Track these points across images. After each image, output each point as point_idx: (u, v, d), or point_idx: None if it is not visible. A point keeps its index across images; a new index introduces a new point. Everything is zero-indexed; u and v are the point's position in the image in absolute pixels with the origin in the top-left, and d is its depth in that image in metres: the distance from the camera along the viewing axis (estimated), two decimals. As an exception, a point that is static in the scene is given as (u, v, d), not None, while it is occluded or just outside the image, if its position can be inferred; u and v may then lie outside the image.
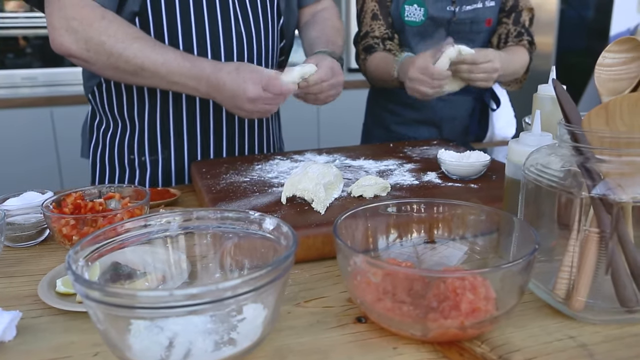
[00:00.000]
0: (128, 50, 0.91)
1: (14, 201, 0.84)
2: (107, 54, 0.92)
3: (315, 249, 0.69)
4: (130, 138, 1.11)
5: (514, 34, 1.32)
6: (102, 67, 0.95)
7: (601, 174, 0.53)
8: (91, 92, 1.14)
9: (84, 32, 0.91)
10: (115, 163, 1.14)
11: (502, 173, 0.89)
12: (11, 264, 0.71)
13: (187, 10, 1.02)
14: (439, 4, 1.28)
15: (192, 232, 0.61)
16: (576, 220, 0.55)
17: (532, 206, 0.62)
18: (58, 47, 0.94)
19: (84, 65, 0.97)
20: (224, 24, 1.06)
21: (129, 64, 0.92)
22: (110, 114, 1.12)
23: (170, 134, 1.10)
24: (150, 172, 1.12)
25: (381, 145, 1.14)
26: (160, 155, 1.11)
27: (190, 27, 1.03)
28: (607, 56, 0.62)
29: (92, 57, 0.93)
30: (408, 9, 1.29)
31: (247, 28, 1.09)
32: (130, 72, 0.93)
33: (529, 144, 0.66)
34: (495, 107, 1.42)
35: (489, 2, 1.31)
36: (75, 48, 0.92)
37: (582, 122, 0.54)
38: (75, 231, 0.70)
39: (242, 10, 1.09)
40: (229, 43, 1.06)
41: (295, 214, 0.73)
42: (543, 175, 0.57)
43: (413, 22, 1.30)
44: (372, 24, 1.34)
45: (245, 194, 0.83)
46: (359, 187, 0.80)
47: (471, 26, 1.31)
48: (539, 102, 0.82)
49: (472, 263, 0.61)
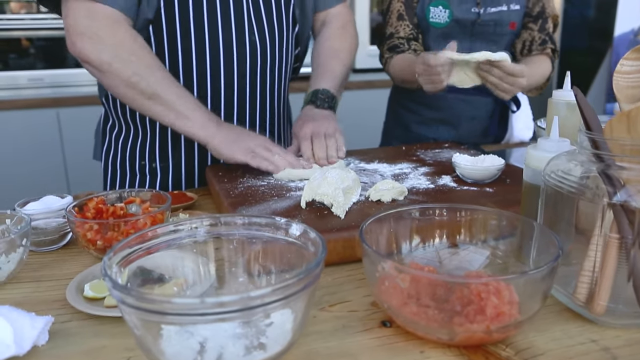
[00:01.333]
0: (151, 76, 0.94)
1: (34, 205, 0.85)
2: (132, 73, 0.93)
3: (337, 253, 0.70)
4: (142, 144, 1.12)
5: (539, 42, 1.34)
6: (116, 83, 0.95)
7: (622, 180, 0.54)
8: (105, 96, 1.15)
9: (113, 47, 0.93)
10: (127, 168, 1.15)
11: (515, 177, 0.90)
12: (36, 269, 0.72)
13: (200, 18, 1.03)
14: (463, 5, 1.30)
15: (219, 237, 0.62)
16: (597, 226, 0.56)
17: (551, 211, 0.63)
18: (78, 52, 0.94)
19: (97, 75, 0.97)
20: (238, 33, 1.06)
21: (149, 87, 0.94)
22: (122, 118, 1.13)
23: (181, 140, 1.11)
24: (161, 178, 1.13)
25: (394, 149, 1.16)
26: (171, 161, 1.12)
27: (203, 35, 1.04)
28: (625, 63, 0.64)
29: (112, 72, 0.94)
30: (433, 11, 1.31)
31: (262, 37, 1.09)
32: (148, 95, 0.95)
33: (547, 150, 0.67)
34: (516, 109, 1.43)
35: (514, 5, 1.32)
36: (96, 58, 0.93)
37: (604, 130, 0.55)
38: (100, 236, 0.71)
39: (257, 19, 1.09)
40: (242, 52, 1.07)
41: (316, 219, 0.74)
42: (564, 181, 0.58)
43: (438, 23, 1.31)
44: (397, 24, 1.35)
45: (264, 198, 0.84)
46: (377, 191, 0.81)
47: (495, 28, 1.33)
48: (554, 107, 0.83)
49: (493, 267, 0.62)
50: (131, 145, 1.13)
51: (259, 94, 1.14)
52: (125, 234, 0.72)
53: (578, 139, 0.59)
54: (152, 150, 1.12)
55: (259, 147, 0.96)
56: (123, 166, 1.15)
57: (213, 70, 1.06)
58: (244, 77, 1.10)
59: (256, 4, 1.09)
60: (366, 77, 2.86)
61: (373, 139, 1.72)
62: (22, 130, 2.41)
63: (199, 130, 0.96)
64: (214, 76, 1.07)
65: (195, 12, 1.02)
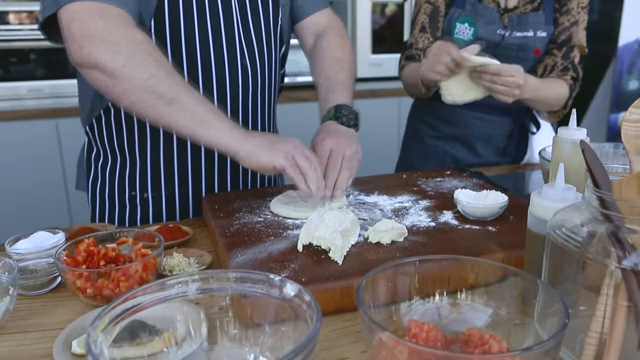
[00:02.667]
0: (170, 78, 0.86)
1: (24, 243, 0.83)
2: (149, 75, 0.84)
3: (334, 302, 0.68)
4: (132, 173, 1.09)
5: (560, 68, 1.32)
6: (130, 88, 0.85)
7: (632, 244, 0.51)
8: (89, 125, 1.10)
9: (128, 47, 0.84)
10: (116, 199, 1.10)
11: (520, 212, 0.88)
12: (24, 316, 0.70)
13: (192, 41, 1.00)
14: (489, 26, 1.30)
15: (210, 293, 0.59)
16: (605, 285, 0.53)
17: (557, 265, 0.60)
18: (86, 56, 0.85)
19: (106, 82, 0.86)
20: (230, 57, 1.04)
21: (170, 90, 0.85)
22: (110, 148, 1.09)
23: (174, 170, 1.08)
24: (153, 209, 1.09)
25: (394, 177, 1.13)
26: (164, 191, 1.09)
27: (195, 59, 1.01)
28: (634, 112, 0.61)
29: (126, 74, 0.84)
30: (459, 27, 1.31)
31: (252, 61, 1.08)
32: (167, 99, 0.85)
33: (552, 199, 0.64)
34: (535, 131, 1.42)
35: (541, 32, 1.31)
36: (109, 60, 0.83)
37: (613, 190, 0.53)
38: (90, 284, 0.69)
39: (248, 43, 1.07)
40: (234, 76, 1.05)
41: (313, 264, 0.72)
42: (569, 240, 0.55)
43: (462, 40, 1.31)
44: (418, 36, 1.37)
45: (260, 237, 0.82)
46: (376, 232, 0.79)
47: (517, 53, 1.32)
48: (559, 145, 0.81)
49: (496, 325, 0.60)
50: (119, 175, 1.09)
51: (250, 118, 1.12)
52: (116, 282, 0.69)
53: (585, 194, 0.57)
54: (144, 179, 1.08)
55: (298, 152, 0.88)
56: (112, 197, 1.11)
57: (205, 94, 1.04)
58: (237, 101, 1.08)
59: (246, 27, 1.07)
60: (368, 86, 2.84)
61: (376, 148, 1.70)
62: (22, 141, 2.39)
63: (227, 138, 0.87)
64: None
65: (186, 34, 1.00)
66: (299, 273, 0.70)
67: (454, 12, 1.33)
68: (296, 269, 0.71)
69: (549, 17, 1.32)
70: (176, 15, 0.98)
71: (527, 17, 1.31)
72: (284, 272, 0.70)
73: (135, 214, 1.10)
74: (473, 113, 1.38)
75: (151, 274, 0.73)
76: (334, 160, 0.94)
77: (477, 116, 1.38)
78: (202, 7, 1.01)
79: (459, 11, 1.32)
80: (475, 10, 1.31)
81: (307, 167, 0.87)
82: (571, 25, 1.33)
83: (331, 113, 1.05)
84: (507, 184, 1.21)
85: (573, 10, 1.33)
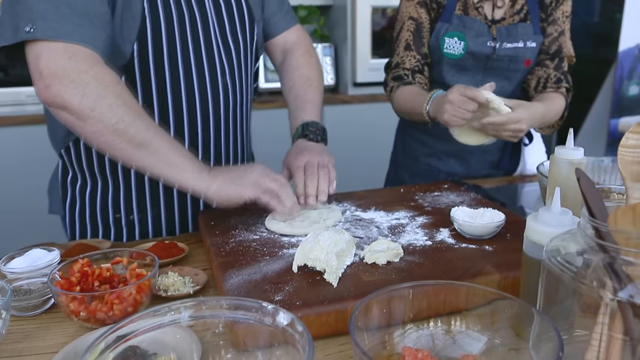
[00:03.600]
0: (140, 122, 0.87)
1: (19, 261, 0.83)
2: (118, 119, 0.85)
3: (328, 325, 0.68)
4: (115, 196, 1.07)
5: (554, 79, 1.31)
6: (99, 130, 0.85)
7: (628, 275, 0.51)
8: (65, 149, 1.07)
9: (96, 90, 0.84)
10: (98, 221, 1.09)
11: (517, 230, 0.87)
12: (17, 339, 0.70)
13: (175, 63, 1.00)
14: (479, 38, 1.28)
15: (203, 319, 0.59)
16: (600, 319, 0.53)
17: (552, 291, 0.60)
18: (53, 97, 0.84)
19: (76, 123, 0.86)
20: (211, 76, 1.05)
21: (138, 133, 0.86)
22: (89, 171, 1.07)
23: (159, 190, 1.07)
24: (139, 230, 1.08)
25: (391, 191, 1.12)
26: (150, 212, 1.08)
27: (178, 81, 1.01)
28: (630, 137, 0.61)
29: (95, 117, 0.84)
30: (448, 41, 1.28)
31: (232, 78, 1.09)
32: (137, 142, 0.86)
33: (548, 224, 0.64)
34: (528, 142, 1.41)
35: (530, 43, 1.29)
36: (78, 102, 0.83)
37: (608, 221, 0.52)
38: (83, 307, 0.69)
39: (228, 61, 1.08)
40: (215, 92, 1.06)
41: (307, 287, 0.72)
42: (565, 269, 0.55)
43: (452, 54, 1.29)
44: (404, 54, 1.33)
45: (255, 257, 0.81)
46: (372, 253, 0.78)
47: (509, 64, 1.31)
48: (556, 165, 0.80)
49: (491, 351, 0.59)
50: (102, 198, 1.07)
51: (231, 134, 1.13)
52: (109, 305, 0.69)
53: (581, 223, 0.56)
54: (128, 201, 1.07)
55: (264, 177, 0.91)
56: (94, 219, 1.09)
57: (190, 116, 1.04)
58: (218, 119, 1.08)
59: (226, 45, 1.08)
60: (368, 90, 2.83)
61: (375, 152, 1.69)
62: (22, 146, 2.39)
63: (195, 181, 0.89)
64: (191, 121, 1.05)
65: (169, 54, 0.99)
66: (293, 296, 0.69)
67: (441, 27, 1.30)
68: (291, 291, 0.70)
69: (537, 27, 1.31)
70: (159, 38, 0.98)
71: (516, 28, 1.29)
72: (279, 294, 0.70)
73: (120, 234, 1.09)
74: None
75: (145, 295, 0.73)
76: (310, 170, 0.98)
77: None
78: (183, 27, 1.01)
79: (446, 25, 1.29)
80: (463, 23, 1.29)
81: (276, 188, 0.90)
82: (559, 35, 1.32)
83: (299, 131, 1.10)
84: (502, 196, 1.21)
85: (559, 19, 1.32)
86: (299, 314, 0.65)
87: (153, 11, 0.96)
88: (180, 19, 1.00)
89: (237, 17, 1.10)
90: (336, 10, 3.09)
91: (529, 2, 1.30)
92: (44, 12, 0.84)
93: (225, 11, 1.08)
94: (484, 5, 1.30)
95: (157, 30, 0.97)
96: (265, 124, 1.95)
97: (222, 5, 1.08)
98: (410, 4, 1.32)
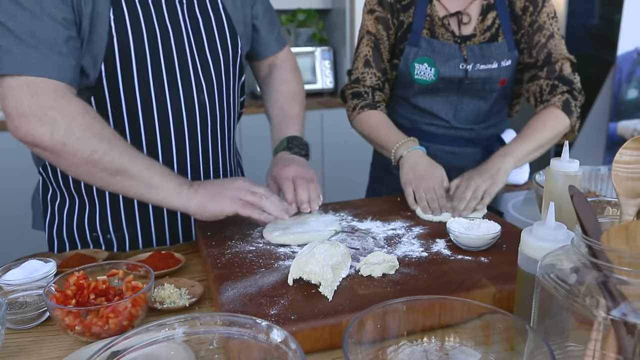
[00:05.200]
0: (113, 149, 0.87)
1: (15, 273, 0.83)
2: (91, 151, 0.85)
3: (323, 340, 0.68)
4: (91, 215, 1.06)
5: (547, 90, 1.22)
6: (74, 163, 0.87)
7: (622, 294, 0.51)
8: (43, 166, 1.07)
9: (64, 124, 0.84)
10: (76, 240, 1.08)
11: (512, 241, 0.87)
12: (13, 353, 0.70)
13: (146, 81, 0.98)
14: (451, 62, 1.22)
15: (197, 335, 0.59)
16: (594, 335, 0.53)
17: (546, 306, 0.60)
18: (23, 136, 0.85)
19: (51, 158, 0.88)
20: (185, 93, 1.02)
21: (113, 161, 0.86)
22: (66, 190, 1.06)
23: (135, 210, 1.06)
24: (118, 248, 1.08)
25: (388, 200, 1.13)
26: (126, 231, 1.07)
27: (150, 100, 0.99)
28: (624, 153, 0.61)
29: (68, 151, 0.85)
30: (418, 67, 1.23)
31: (211, 96, 1.06)
32: (112, 170, 0.87)
33: (542, 239, 0.64)
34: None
35: (505, 62, 1.23)
36: (48, 139, 0.84)
37: (601, 239, 0.52)
38: (78, 320, 0.69)
39: (206, 78, 1.05)
40: (191, 111, 1.03)
41: (302, 300, 0.72)
42: (558, 287, 0.55)
43: (423, 80, 1.24)
44: (364, 71, 1.28)
45: (250, 269, 0.81)
46: (368, 265, 0.78)
47: (483, 85, 1.25)
48: (551, 177, 0.80)
49: (485, 368, 0.59)
50: (78, 217, 1.06)
51: (211, 150, 1.10)
52: (105, 318, 0.69)
53: (574, 240, 0.56)
54: (104, 221, 1.06)
55: (243, 191, 0.91)
56: (71, 238, 1.08)
57: (163, 133, 1.02)
58: (195, 136, 1.06)
59: (205, 63, 1.05)
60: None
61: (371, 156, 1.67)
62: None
63: (174, 198, 0.89)
64: (164, 139, 1.02)
65: (139, 73, 0.97)
66: (288, 310, 0.69)
67: (410, 52, 1.23)
68: (286, 305, 0.70)
69: (511, 42, 1.24)
70: (127, 57, 0.95)
71: (490, 48, 1.23)
72: (274, 308, 0.70)
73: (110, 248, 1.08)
74: (442, 147, 1.31)
75: (141, 308, 0.73)
76: (299, 181, 0.99)
77: (446, 150, 1.31)
78: (154, 45, 0.98)
79: (415, 50, 1.23)
80: (431, 47, 1.23)
81: (256, 201, 0.91)
82: (547, 40, 1.23)
83: (284, 144, 1.10)
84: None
85: (545, 23, 1.23)
86: (294, 328, 0.66)
87: (120, 30, 0.94)
88: (151, 37, 0.97)
89: (216, 33, 1.07)
90: (335, 13, 3.10)
91: (500, 16, 1.24)
92: (8, 47, 0.84)
93: (204, 27, 1.05)
94: (449, 20, 1.24)
95: (126, 49, 0.95)
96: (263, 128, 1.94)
97: (200, 21, 1.05)
98: (369, 18, 1.27)
